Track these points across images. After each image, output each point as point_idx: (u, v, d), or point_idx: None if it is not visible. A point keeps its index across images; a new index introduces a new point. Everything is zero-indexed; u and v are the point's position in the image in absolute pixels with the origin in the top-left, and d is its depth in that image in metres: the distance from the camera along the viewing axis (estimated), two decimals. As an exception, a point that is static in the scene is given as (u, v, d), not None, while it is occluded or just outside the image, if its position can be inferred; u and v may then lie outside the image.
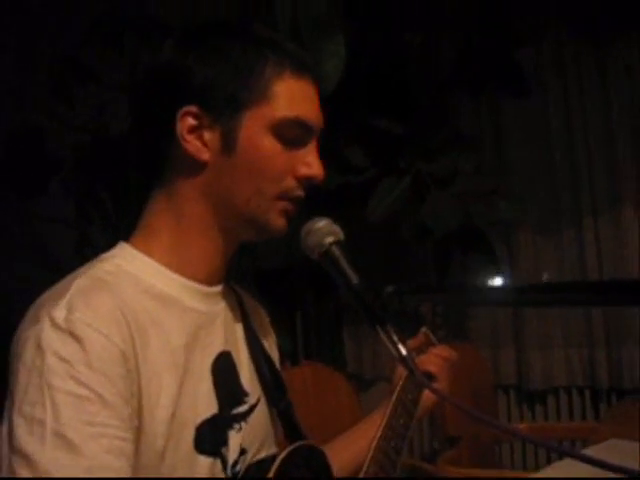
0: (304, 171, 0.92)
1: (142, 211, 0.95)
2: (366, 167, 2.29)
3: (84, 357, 0.73)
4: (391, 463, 1.08)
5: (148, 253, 0.90)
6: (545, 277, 2.83)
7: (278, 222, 0.93)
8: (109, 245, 0.93)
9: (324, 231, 0.90)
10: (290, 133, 0.91)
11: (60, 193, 2.75)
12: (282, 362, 2.07)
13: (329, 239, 0.89)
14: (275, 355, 1.13)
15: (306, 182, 0.93)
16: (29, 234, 2.94)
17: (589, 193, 2.73)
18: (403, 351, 0.81)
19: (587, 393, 2.79)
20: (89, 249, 2.65)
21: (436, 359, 1.23)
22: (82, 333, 0.74)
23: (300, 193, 0.94)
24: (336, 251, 0.89)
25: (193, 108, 0.88)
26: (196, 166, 0.90)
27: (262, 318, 1.14)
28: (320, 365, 2.05)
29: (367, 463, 1.05)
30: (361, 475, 1.05)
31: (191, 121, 0.89)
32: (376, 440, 1.09)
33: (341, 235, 0.91)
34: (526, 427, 2.34)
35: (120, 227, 2.45)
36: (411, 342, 1.25)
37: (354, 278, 0.87)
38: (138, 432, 0.78)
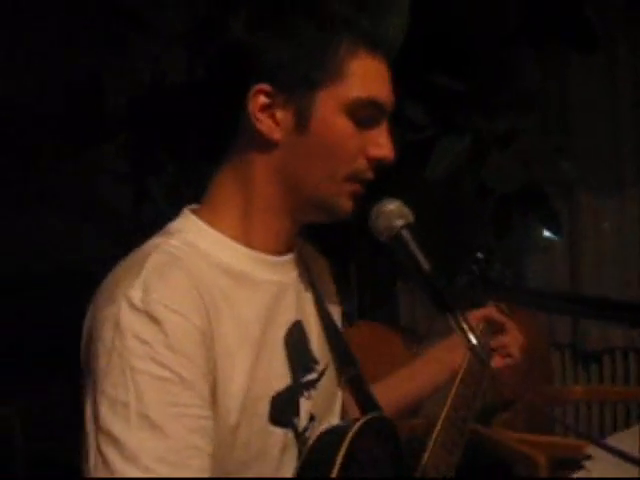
0: (376, 152, 0.91)
1: (209, 182, 0.95)
2: (426, 125, 2.24)
3: (164, 339, 0.75)
4: (459, 432, 1.08)
5: (216, 226, 0.91)
6: (607, 227, 2.76)
7: (346, 205, 0.93)
8: (168, 200, 0.93)
9: (395, 214, 0.89)
10: (363, 113, 0.89)
11: (117, 147, 2.79)
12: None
13: (399, 222, 0.89)
14: (339, 314, 1.14)
15: (376, 163, 0.92)
16: (86, 187, 2.98)
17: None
18: (473, 340, 0.81)
19: (645, 356, 2.76)
20: (147, 204, 2.69)
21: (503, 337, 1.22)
22: (160, 315, 0.75)
23: (370, 175, 0.93)
24: (407, 235, 0.88)
25: (266, 86, 0.87)
26: (267, 145, 0.89)
27: (325, 274, 1.14)
28: (376, 324, 2.06)
29: (435, 433, 1.06)
30: (431, 443, 1.06)
31: (263, 99, 0.88)
32: (445, 409, 1.09)
33: (411, 218, 0.91)
34: (581, 390, 2.32)
35: (179, 183, 2.45)
36: (487, 311, 1.24)
37: (425, 264, 0.86)
38: (214, 406, 0.80)
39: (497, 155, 2.21)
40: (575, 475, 1.34)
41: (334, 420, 1.03)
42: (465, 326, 0.82)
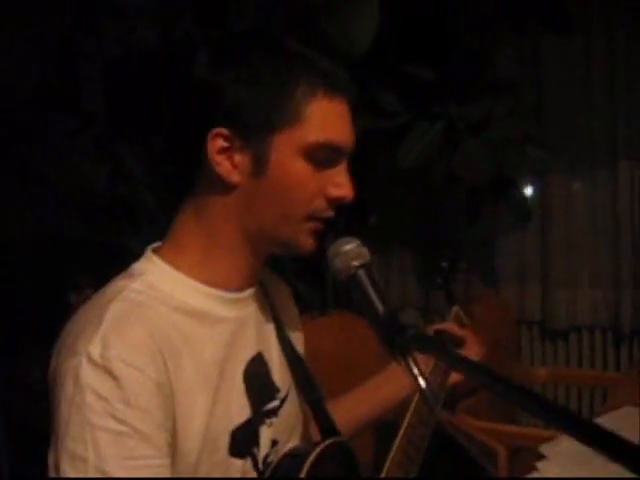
0: (335, 192, 0.92)
1: (172, 222, 0.97)
2: (398, 112, 2.24)
3: (121, 394, 0.77)
4: (415, 449, 1.12)
5: (177, 267, 0.92)
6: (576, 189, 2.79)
7: (307, 243, 0.94)
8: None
9: (351, 254, 0.88)
10: (322, 156, 0.90)
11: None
12: (311, 312, 2.13)
13: (356, 262, 0.88)
14: (301, 338, 1.17)
15: (335, 203, 0.93)
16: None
17: (626, 137, 2.67)
18: (422, 384, 0.81)
19: (610, 335, 2.83)
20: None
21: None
22: (118, 371, 0.78)
23: (330, 213, 0.94)
24: (363, 275, 0.87)
25: (224, 130, 0.88)
26: (226, 187, 0.90)
27: (287, 300, 1.17)
28: (348, 313, 2.09)
29: (392, 452, 1.10)
30: (387, 463, 1.10)
31: (222, 143, 0.89)
32: (402, 428, 1.13)
33: (368, 257, 0.89)
34: (545, 372, 2.39)
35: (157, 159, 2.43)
36: (445, 325, 1.29)
37: (379, 305, 0.85)
38: (173, 448, 0.83)
39: (469, 142, 2.22)
40: (529, 476, 1.40)
41: (296, 442, 1.07)
42: (415, 371, 0.83)
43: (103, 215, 2.51)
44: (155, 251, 0.95)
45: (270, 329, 1.05)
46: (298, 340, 1.15)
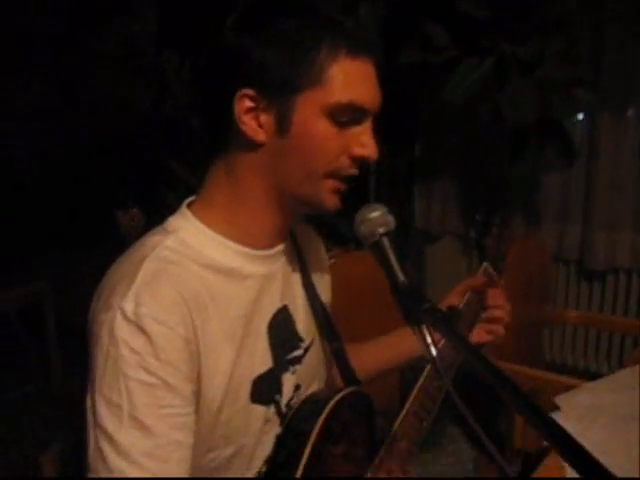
0: (359, 151, 0.94)
1: (204, 178, 1.01)
2: (447, 46, 2.19)
3: (152, 350, 0.83)
4: (432, 400, 1.16)
5: (209, 224, 0.96)
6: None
7: (330, 201, 0.96)
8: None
9: (377, 221, 0.91)
10: (344, 116, 0.91)
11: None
12: (348, 246, 2.16)
13: (381, 230, 0.91)
14: (327, 286, 1.22)
15: (360, 161, 0.95)
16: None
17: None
18: (434, 352, 0.84)
19: (647, 279, 2.83)
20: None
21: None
22: (149, 327, 0.83)
23: (354, 171, 0.96)
24: (386, 243, 0.91)
25: (250, 91, 0.90)
26: (252, 145, 0.93)
27: (315, 247, 1.21)
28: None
29: (409, 403, 1.14)
30: (403, 412, 1.15)
31: (248, 103, 0.91)
32: (415, 389, 1.14)
33: (393, 225, 0.93)
34: (575, 315, 2.41)
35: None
36: (473, 281, 1.28)
37: (400, 275, 0.89)
38: (198, 395, 0.90)
39: (517, 82, 2.17)
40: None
41: (319, 386, 1.14)
42: (428, 339, 0.86)
43: (148, 136, 2.57)
44: (189, 206, 1.00)
45: (297, 282, 1.10)
46: (325, 287, 1.20)
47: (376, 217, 0.92)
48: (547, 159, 2.61)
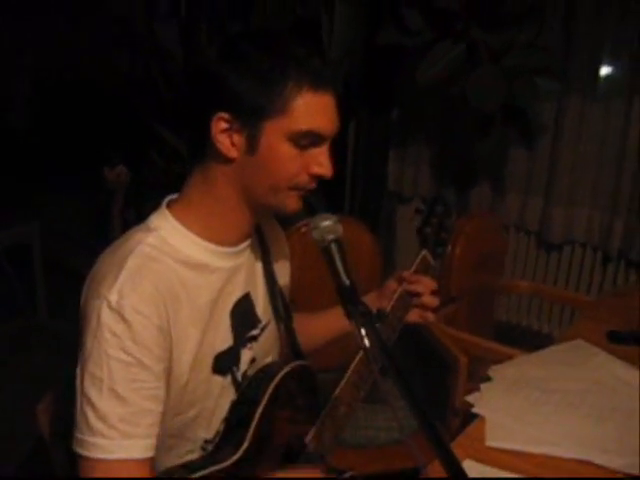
0: (316, 170, 1.09)
1: (185, 183, 1.17)
2: (422, 30, 2.31)
3: (130, 334, 1.00)
4: (369, 370, 1.34)
5: (185, 224, 1.13)
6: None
7: (292, 206, 1.12)
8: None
9: (327, 229, 1.06)
10: (304, 140, 1.06)
11: None
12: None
13: (330, 237, 1.06)
14: (286, 273, 1.39)
15: (317, 178, 1.11)
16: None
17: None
18: (367, 343, 1.00)
19: (600, 254, 3.02)
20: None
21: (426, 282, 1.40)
22: (129, 316, 1.00)
23: (312, 186, 1.12)
24: (334, 249, 1.05)
25: (225, 114, 1.05)
26: (226, 160, 1.08)
27: (278, 238, 1.37)
28: (352, 220, 2.27)
29: (348, 373, 1.32)
30: (343, 382, 1.33)
31: (223, 125, 1.06)
32: (353, 363, 1.30)
33: (340, 234, 1.07)
34: (526, 285, 2.58)
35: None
36: (406, 273, 1.39)
37: (344, 279, 1.03)
38: (168, 371, 1.07)
39: (486, 68, 2.30)
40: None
41: (273, 359, 1.32)
42: (362, 332, 1.01)
43: (138, 98, 2.67)
44: (169, 206, 1.16)
45: (259, 272, 1.27)
46: (284, 273, 1.37)
47: (327, 226, 1.07)
48: (511, 138, 2.75)
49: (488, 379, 1.69)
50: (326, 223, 1.07)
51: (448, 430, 1.94)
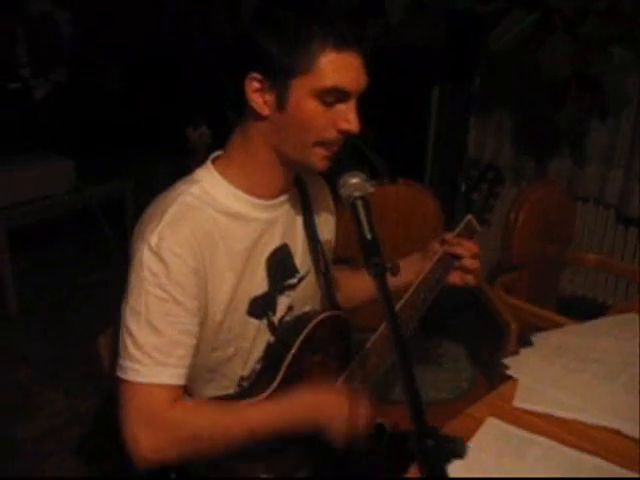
0: (343, 125, 1.17)
1: (227, 141, 1.27)
2: (496, -2, 2.30)
3: (167, 273, 1.12)
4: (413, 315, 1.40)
5: (226, 177, 1.23)
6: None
7: (319, 165, 1.21)
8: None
9: (355, 187, 1.12)
10: (330, 97, 1.14)
11: None
12: (382, 180, 2.37)
13: (357, 194, 1.12)
14: (330, 227, 1.47)
15: (345, 133, 1.18)
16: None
17: None
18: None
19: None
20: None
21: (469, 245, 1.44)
22: (167, 257, 1.12)
23: (339, 141, 1.19)
24: (360, 205, 1.11)
25: (257, 75, 1.14)
26: (259, 117, 1.18)
27: (323, 195, 1.46)
28: (415, 184, 2.32)
29: (376, 335, 1.38)
30: (369, 342, 1.39)
31: (256, 84, 1.15)
32: (407, 296, 1.38)
33: (368, 191, 1.13)
34: (593, 258, 2.53)
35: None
36: (449, 235, 1.45)
37: (368, 234, 1.09)
38: (204, 309, 1.19)
39: (559, 37, 2.27)
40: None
41: (312, 309, 1.41)
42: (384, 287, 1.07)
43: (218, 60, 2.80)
44: (213, 161, 1.26)
45: (299, 225, 1.36)
46: (327, 229, 1.46)
47: (355, 183, 1.14)
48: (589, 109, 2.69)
49: (530, 344, 1.72)
50: (354, 180, 1.14)
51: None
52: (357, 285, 1.54)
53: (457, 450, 0.78)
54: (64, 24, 3.50)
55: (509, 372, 1.58)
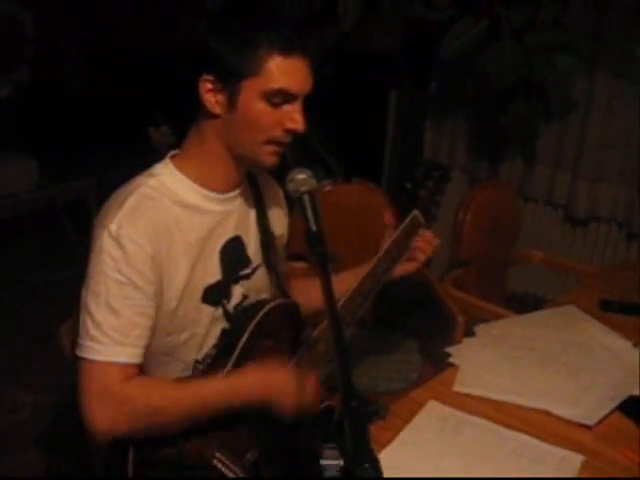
0: (290, 125, 1.26)
1: (183, 139, 1.34)
2: (446, 6, 2.41)
3: (125, 259, 1.19)
4: (353, 312, 1.49)
5: (183, 171, 1.31)
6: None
7: (267, 161, 1.30)
8: None
9: (301, 182, 1.20)
10: (277, 99, 1.23)
11: None
12: (335, 179, 2.45)
13: (303, 189, 1.19)
14: (281, 223, 1.55)
15: (291, 132, 1.27)
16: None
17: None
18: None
19: (624, 230, 3.06)
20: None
21: (418, 241, 1.55)
22: (126, 244, 1.19)
23: (286, 139, 1.28)
24: (306, 200, 1.19)
25: (210, 76, 1.23)
26: (213, 116, 1.26)
27: (277, 197, 1.54)
28: (367, 184, 2.41)
29: (323, 324, 1.44)
30: (316, 330, 1.46)
31: (208, 85, 1.23)
32: (355, 285, 1.45)
33: (314, 186, 1.20)
34: (540, 256, 2.66)
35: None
36: (401, 226, 1.53)
37: (313, 226, 1.15)
38: (160, 294, 1.26)
39: (506, 44, 2.38)
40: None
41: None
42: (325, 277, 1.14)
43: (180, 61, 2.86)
44: (171, 157, 1.34)
45: (252, 219, 1.44)
46: (279, 225, 1.54)
47: (301, 179, 1.21)
48: (535, 113, 2.81)
49: (473, 334, 1.82)
50: (301, 176, 1.21)
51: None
52: (312, 294, 1.59)
53: (379, 412, 0.87)
54: (27, 24, 3.53)
55: (451, 360, 1.68)
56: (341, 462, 0.75)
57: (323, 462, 0.74)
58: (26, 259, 3.98)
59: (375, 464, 0.79)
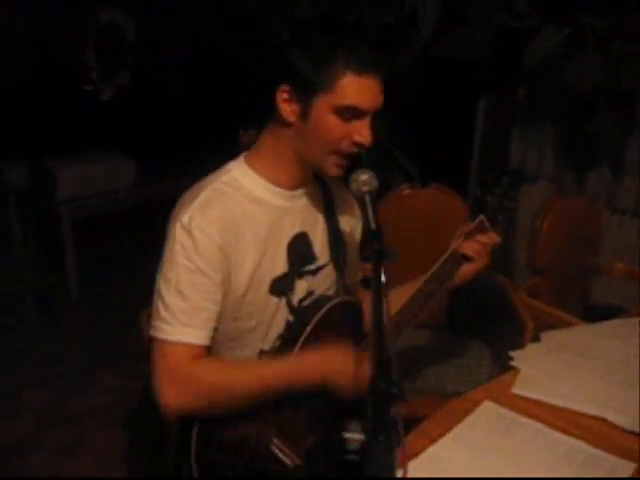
0: (358, 138, 1.33)
1: (257, 141, 1.45)
2: (528, 14, 2.42)
3: (195, 248, 1.30)
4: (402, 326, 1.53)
5: (254, 168, 1.42)
6: None
7: (332, 171, 1.38)
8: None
9: (364, 182, 1.29)
10: (347, 114, 1.30)
11: None
12: (414, 183, 2.50)
13: (365, 188, 1.29)
14: (351, 225, 1.61)
15: (358, 145, 1.34)
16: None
17: None
18: (383, 279, 1.22)
19: None
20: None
21: (475, 244, 1.56)
22: (196, 234, 1.30)
23: (351, 151, 1.35)
24: (368, 199, 1.28)
25: (287, 86, 1.32)
26: (286, 123, 1.35)
27: (350, 206, 1.60)
28: (445, 189, 2.45)
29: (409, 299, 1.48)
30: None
31: (285, 95, 1.33)
32: (418, 286, 1.50)
33: (375, 187, 1.29)
34: (622, 268, 2.60)
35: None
36: (466, 227, 1.58)
37: (373, 225, 1.23)
38: (228, 282, 1.36)
39: (590, 52, 2.36)
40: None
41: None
42: (382, 278, 1.16)
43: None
44: (245, 156, 1.45)
45: (319, 217, 1.52)
46: (349, 225, 1.60)
47: (363, 179, 1.30)
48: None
49: (538, 340, 1.83)
50: (363, 177, 1.30)
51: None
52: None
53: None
54: (130, 31, 3.77)
55: (513, 363, 1.70)
56: (362, 436, 0.80)
57: (346, 435, 0.80)
58: (124, 251, 4.23)
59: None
